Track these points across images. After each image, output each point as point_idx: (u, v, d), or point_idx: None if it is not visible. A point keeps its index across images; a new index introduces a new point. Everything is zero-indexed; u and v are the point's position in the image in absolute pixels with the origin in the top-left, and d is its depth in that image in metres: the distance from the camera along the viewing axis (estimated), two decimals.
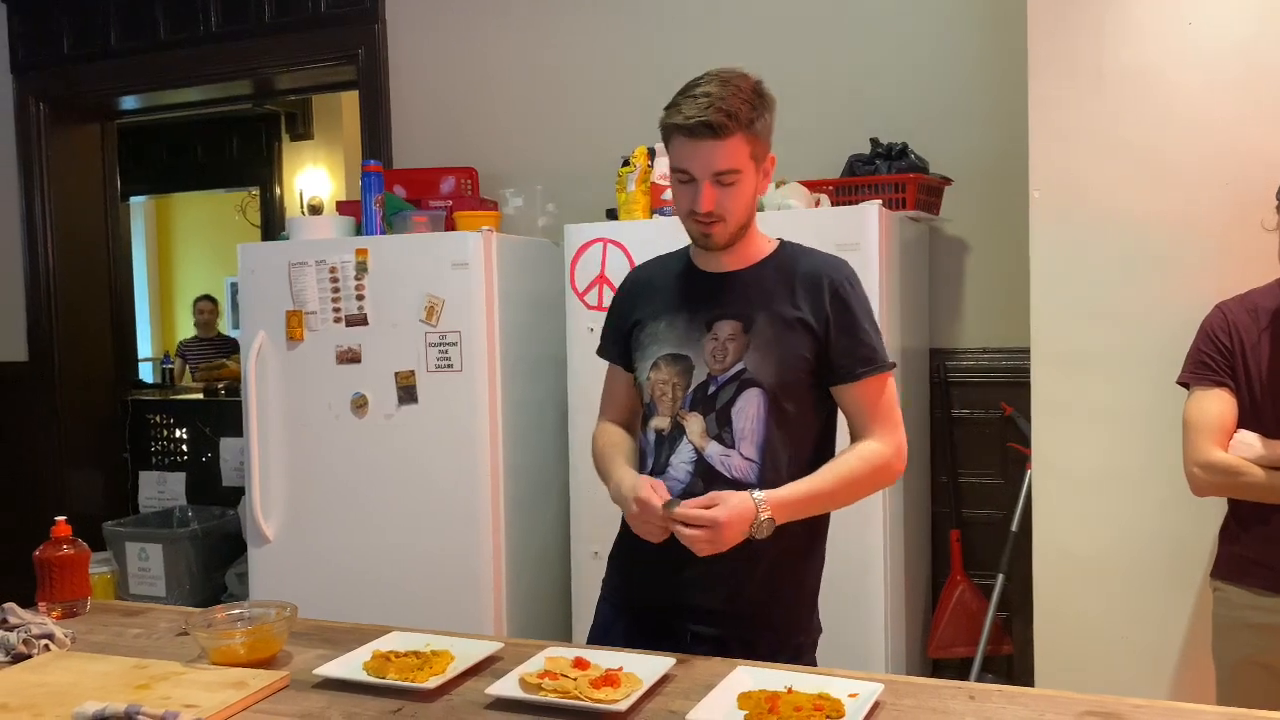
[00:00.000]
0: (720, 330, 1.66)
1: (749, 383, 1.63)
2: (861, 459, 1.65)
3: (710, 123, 1.56)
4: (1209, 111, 2.26)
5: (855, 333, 1.66)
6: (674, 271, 1.78)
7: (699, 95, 1.58)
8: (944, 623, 2.95)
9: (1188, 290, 2.27)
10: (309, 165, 6.63)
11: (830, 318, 1.65)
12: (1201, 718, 1.29)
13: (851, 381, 1.66)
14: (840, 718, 1.28)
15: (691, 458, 1.65)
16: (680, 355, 1.68)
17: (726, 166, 1.59)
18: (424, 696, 1.42)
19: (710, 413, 1.65)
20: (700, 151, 1.59)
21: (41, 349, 4.27)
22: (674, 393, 1.67)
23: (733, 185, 1.61)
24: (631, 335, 1.77)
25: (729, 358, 1.65)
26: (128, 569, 3.87)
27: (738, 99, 1.58)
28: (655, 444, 1.70)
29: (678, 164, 1.63)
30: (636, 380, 1.75)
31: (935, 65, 3.05)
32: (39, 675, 1.53)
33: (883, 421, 1.67)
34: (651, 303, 1.76)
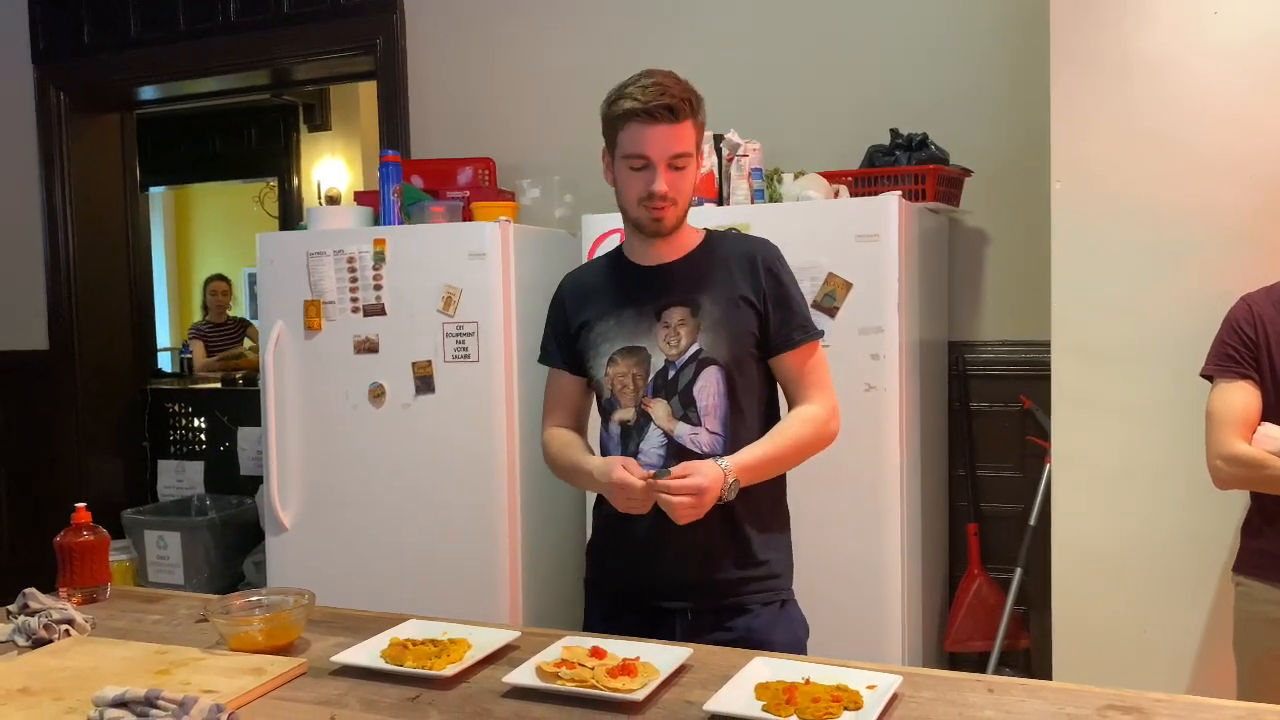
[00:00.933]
0: (670, 317, 1.74)
1: (706, 361, 1.72)
2: (804, 421, 1.75)
3: (671, 106, 1.65)
4: (1233, 102, 2.24)
5: (790, 304, 1.77)
6: (609, 272, 1.85)
7: (649, 85, 1.66)
8: (961, 616, 2.94)
9: (1211, 283, 2.25)
10: (326, 156, 6.64)
11: (767, 292, 1.75)
12: (1223, 712, 1.27)
13: (790, 349, 1.76)
14: (858, 709, 1.28)
15: (661, 441, 1.73)
16: (635, 347, 1.76)
17: (682, 149, 1.68)
18: (441, 684, 1.42)
19: (674, 395, 1.73)
20: (658, 135, 1.66)
21: (62, 338, 4.30)
22: (635, 383, 1.75)
23: (684, 169, 1.70)
24: (579, 338, 1.83)
25: (683, 341, 1.73)
26: (146, 557, 3.90)
27: (682, 88, 1.69)
28: (621, 436, 1.77)
29: (633, 150, 1.68)
30: (592, 380, 1.81)
31: (956, 55, 3.02)
32: (60, 659, 1.54)
33: (818, 385, 1.78)
34: (594, 304, 1.82)
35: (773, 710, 1.27)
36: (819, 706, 1.26)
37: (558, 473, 1.88)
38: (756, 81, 3.22)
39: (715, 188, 2.75)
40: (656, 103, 1.65)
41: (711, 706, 1.28)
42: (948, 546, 3.07)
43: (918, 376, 2.68)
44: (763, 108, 3.17)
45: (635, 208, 1.73)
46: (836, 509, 2.50)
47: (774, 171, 2.79)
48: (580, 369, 1.84)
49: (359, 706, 1.37)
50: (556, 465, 1.87)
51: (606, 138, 1.74)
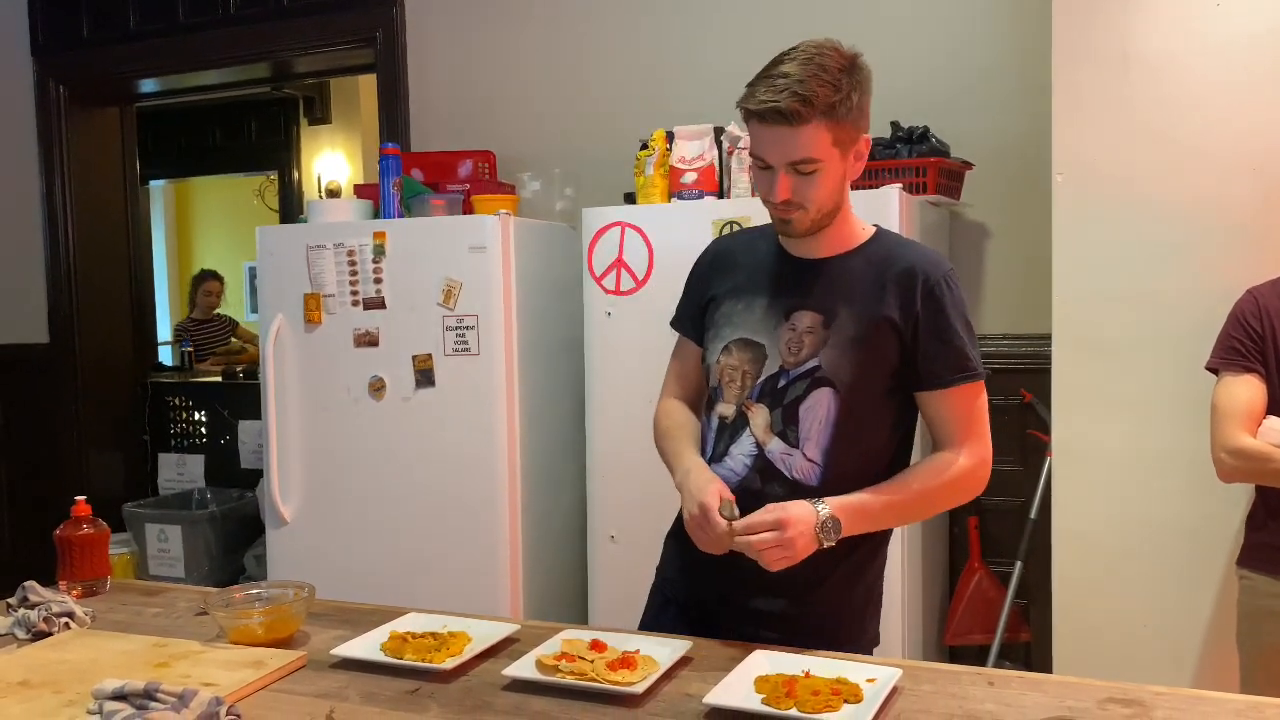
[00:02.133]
0: (799, 321, 1.56)
1: (822, 381, 1.53)
2: (936, 470, 1.55)
3: (783, 109, 1.44)
4: (1236, 96, 2.23)
5: (947, 337, 1.53)
6: (759, 250, 1.66)
7: (777, 77, 1.46)
8: (961, 610, 2.94)
9: (1212, 276, 2.25)
10: (327, 149, 6.63)
11: (920, 318, 1.53)
12: (1225, 705, 1.27)
13: (939, 389, 1.55)
14: (858, 702, 1.27)
15: (752, 451, 1.57)
16: (754, 342, 1.59)
17: (803, 155, 1.48)
18: (441, 677, 1.42)
19: (777, 407, 1.55)
20: (775, 139, 1.48)
21: (62, 331, 4.30)
22: (743, 380, 1.58)
23: (812, 174, 1.49)
24: (707, 311, 1.67)
25: (804, 351, 1.54)
26: (147, 550, 3.90)
27: (818, 81, 1.45)
28: (717, 430, 1.61)
29: (754, 150, 1.53)
30: (705, 360, 1.66)
31: (957, 48, 3.01)
32: (60, 652, 1.53)
33: (968, 431, 1.55)
34: (731, 280, 1.66)
35: (772, 703, 1.27)
36: (819, 700, 1.26)
37: (658, 447, 1.72)
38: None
39: (716, 181, 2.75)
40: (771, 104, 1.45)
41: (711, 699, 1.28)
42: (948, 540, 3.07)
43: None
44: None
45: (765, 204, 1.56)
46: None
47: None
48: (702, 343, 1.68)
49: (359, 699, 1.37)
50: (659, 443, 1.71)
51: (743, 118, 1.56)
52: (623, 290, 2.73)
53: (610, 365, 2.77)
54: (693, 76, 3.19)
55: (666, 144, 2.77)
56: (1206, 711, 1.25)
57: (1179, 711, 1.25)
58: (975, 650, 2.93)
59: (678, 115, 2.94)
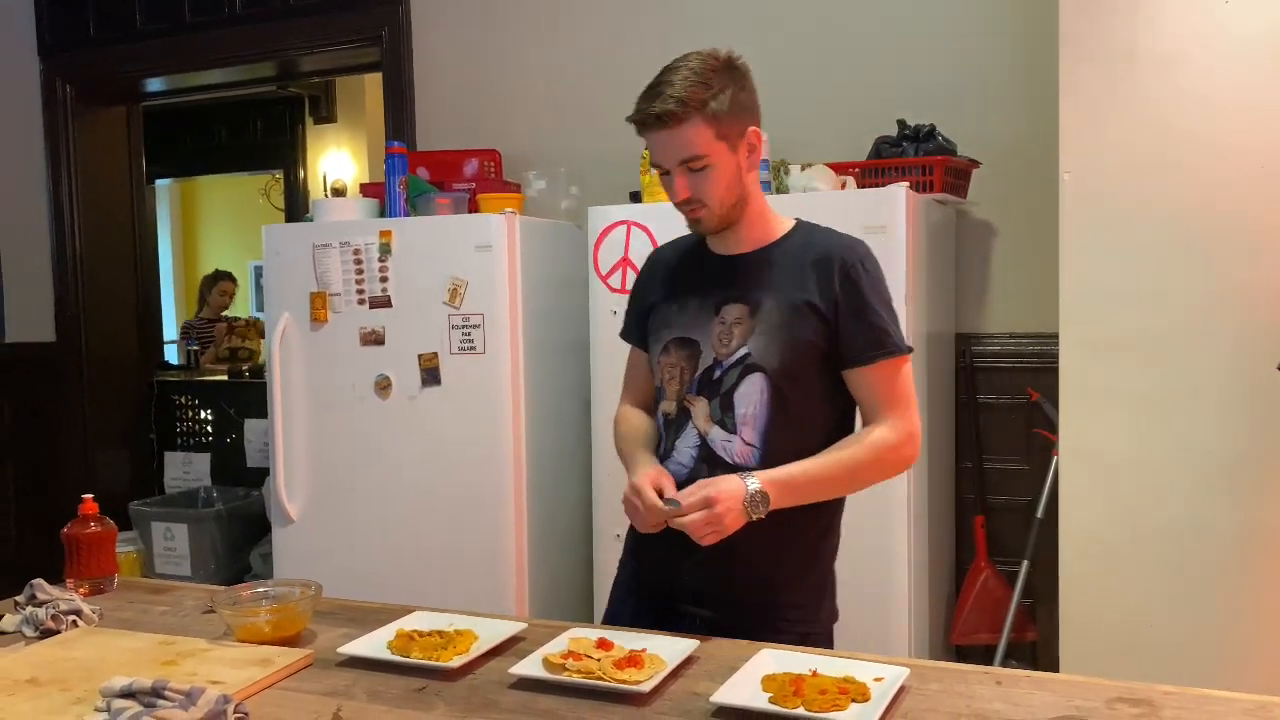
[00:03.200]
0: (727, 314, 1.65)
1: (753, 368, 1.61)
2: (864, 444, 1.60)
3: (658, 113, 1.55)
4: (1244, 92, 2.22)
5: (865, 316, 1.61)
6: (689, 253, 1.77)
7: (655, 86, 1.58)
8: (968, 609, 2.93)
9: (1221, 275, 2.24)
10: (332, 148, 6.64)
11: (840, 300, 1.60)
12: (1233, 704, 1.27)
13: (861, 365, 1.61)
14: (866, 701, 1.27)
15: (695, 442, 1.65)
16: (688, 339, 1.68)
17: (689, 154, 1.58)
18: (448, 676, 1.42)
19: (714, 397, 1.63)
20: (660, 143, 1.59)
21: (69, 330, 4.31)
22: (681, 376, 1.67)
23: (704, 170, 1.59)
24: (648, 317, 1.77)
25: (734, 342, 1.63)
26: (153, 548, 3.91)
27: (688, 83, 1.56)
28: (664, 427, 1.71)
29: (652, 159, 1.64)
30: (649, 362, 1.76)
31: (964, 46, 3.01)
32: (67, 650, 1.54)
33: (894, 407, 1.61)
34: (665, 285, 1.76)
35: (779, 702, 1.26)
36: (826, 698, 1.26)
37: (618, 452, 1.81)
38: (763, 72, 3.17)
39: None
40: (645, 111, 1.57)
41: (718, 698, 1.28)
42: (954, 539, 3.07)
43: (925, 369, 2.67)
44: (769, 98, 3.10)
45: (678, 210, 1.66)
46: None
47: (780, 163, 2.77)
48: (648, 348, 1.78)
49: (365, 697, 1.37)
50: (618, 449, 1.81)
51: None
52: (628, 289, 2.71)
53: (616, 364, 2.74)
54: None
55: None
56: (1215, 711, 1.25)
57: (1188, 711, 1.25)
58: (982, 650, 2.92)
59: None
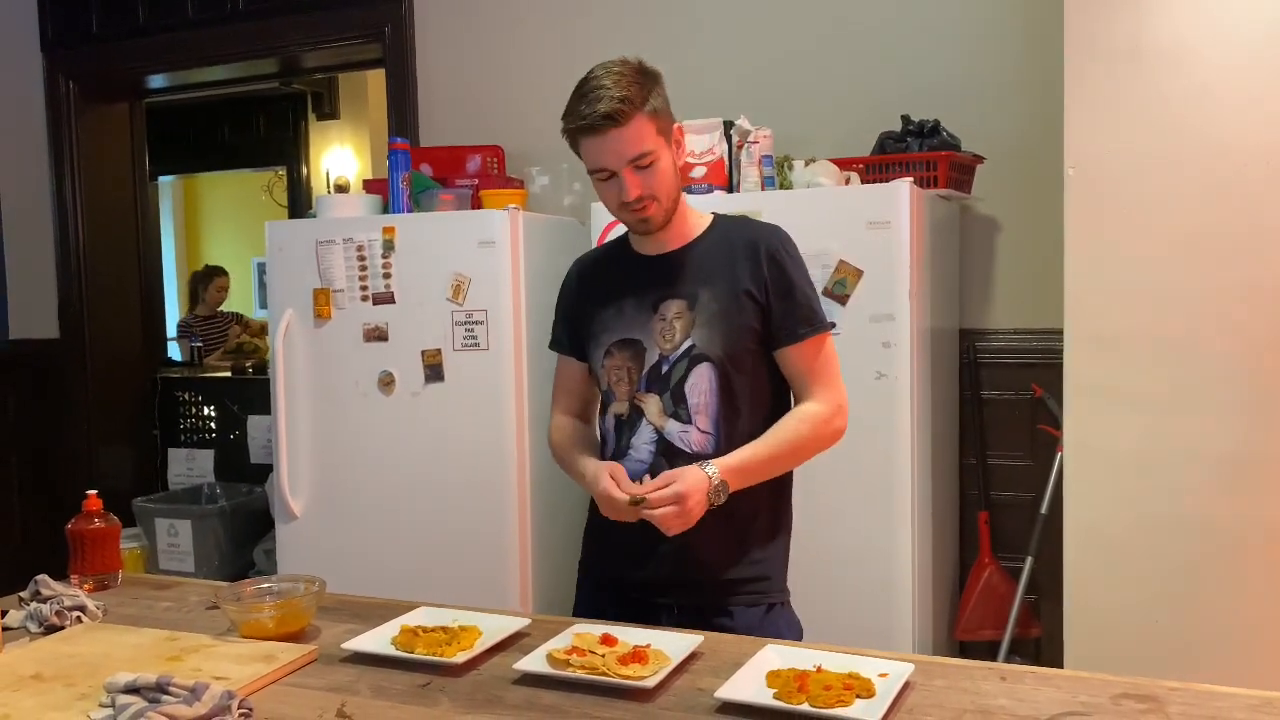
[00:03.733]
0: (666, 310, 1.70)
1: (699, 358, 1.67)
2: (802, 420, 1.69)
3: (609, 113, 1.59)
4: (1250, 88, 2.21)
5: (793, 295, 1.70)
6: (615, 260, 1.82)
7: (589, 93, 1.61)
8: (971, 605, 2.93)
9: (1226, 270, 2.23)
10: (335, 145, 6.64)
11: (769, 283, 1.68)
12: (1238, 700, 1.26)
13: (793, 343, 1.70)
14: (871, 697, 1.27)
15: (652, 438, 1.70)
16: (631, 339, 1.72)
17: (638, 150, 1.62)
18: (452, 671, 1.42)
19: (665, 391, 1.69)
20: (609, 144, 1.62)
21: (72, 327, 4.31)
22: (629, 376, 1.72)
23: (651, 166, 1.64)
24: (583, 325, 1.81)
25: (677, 335, 1.69)
26: (157, 545, 3.91)
27: (625, 83, 1.61)
28: (615, 429, 1.75)
29: (594, 164, 1.66)
30: (592, 369, 1.80)
31: (968, 41, 3.00)
32: (72, 646, 1.54)
33: (822, 380, 1.71)
34: (597, 292, 1.80)
35: (784, 698, 1.27)
36: (831, 694, 1.26)
37: (559, 464, 1.88)
38: (767, 68, 3.21)
39: (726, 175, 2.74)
40: (592, 114, 1.60)
41: (723, 694, 1.28)
42: (958, 535, 3.06)
43: (929, 364, 2.66)
44: (773, 94, 3.15)
45: (619, 214, 1.71)
46: (847, 498, 2.50)
47: (784, 158, 2.77)
48: (584, 357, 1.83)
49: (369, 693, 1.37)
50: (557, 458, 1.88)
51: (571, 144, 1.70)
52: None
53: None
54: (701, 70, 3.18)
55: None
56: (1221, 706, 1.25)
57: (1193, 707, 1.25)
58: (986, 646, 2.92)
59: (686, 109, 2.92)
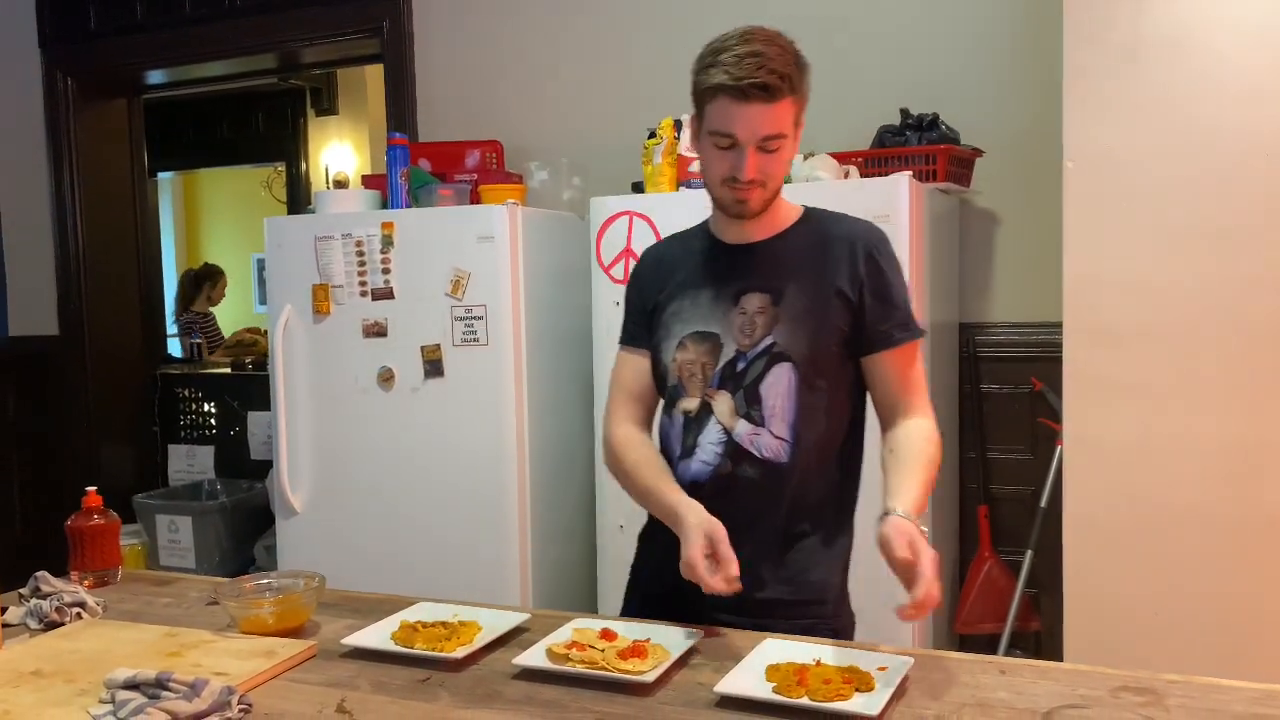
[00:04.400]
0: (748, 304, 1.59)
1: (779, 357, 1.56)
2: (930, 442, 1.55)
3: (765, 84, 1.46)
4: (1251, 79, 2.21)
5: (890, 297, 1.59)
6: (694, 247, 1.70)
7: (746, 55, 1.47)
8: (971, 598, 2.93)
9: (1226, 263, 2.23)
10: (334, 140, 6.63)
11: (865, 283, 1.57)
12: (1238, 693, 1.26)
13: (888, 348, 1.58)
14: (870, 691, 1.27)
15: (720, 438, 1.59)
16: (708, 333, 1.61)
17: (775, 131, 1.50)
18: (451, 666, 1.42)
19: (739, 390, 1.58)
20: (748, 115, 1.48)
21: (72, 323, 4.31)
22: (703, 372, 1.60)
23: (777, 151, 1.53)
24: (653, 316, 1.68)
25: (758, 332, 1.57)
26: (158, 541, 3.92)
27: (784, 60, 1.49)
28: (684, 426, 1.63)
29: (720, 127, 1.51)
30: (659, 361, 1.67)
31: (967, 34, 2.99)
32: (72, 642, 1.54)
33: (917, 391, 1.60)
34: (673, 281, 1.67)
35: (784, 692, 1.26)
36: (830, 688, 1.25)
37: (623, 481, 1.68)
38: None
39: None
40: (750, 79, 1.45)
41: (722, 688, 1.28)
42: (958, 528, 3.06)
43: (928, 358, 2.66)
44: None
45: (718, 187, 1.57)
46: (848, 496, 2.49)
47: None
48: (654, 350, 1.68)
49: (369, 688, 1.37)
50: (625, 477, 1.67)
51: (694, 103, 1.56)
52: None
53: None
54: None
55: (674, 132, 2.76)
56: (1221, 699, 1.25)
57: (1193, 700, 1.25)
58: (986, 639, 2.92)
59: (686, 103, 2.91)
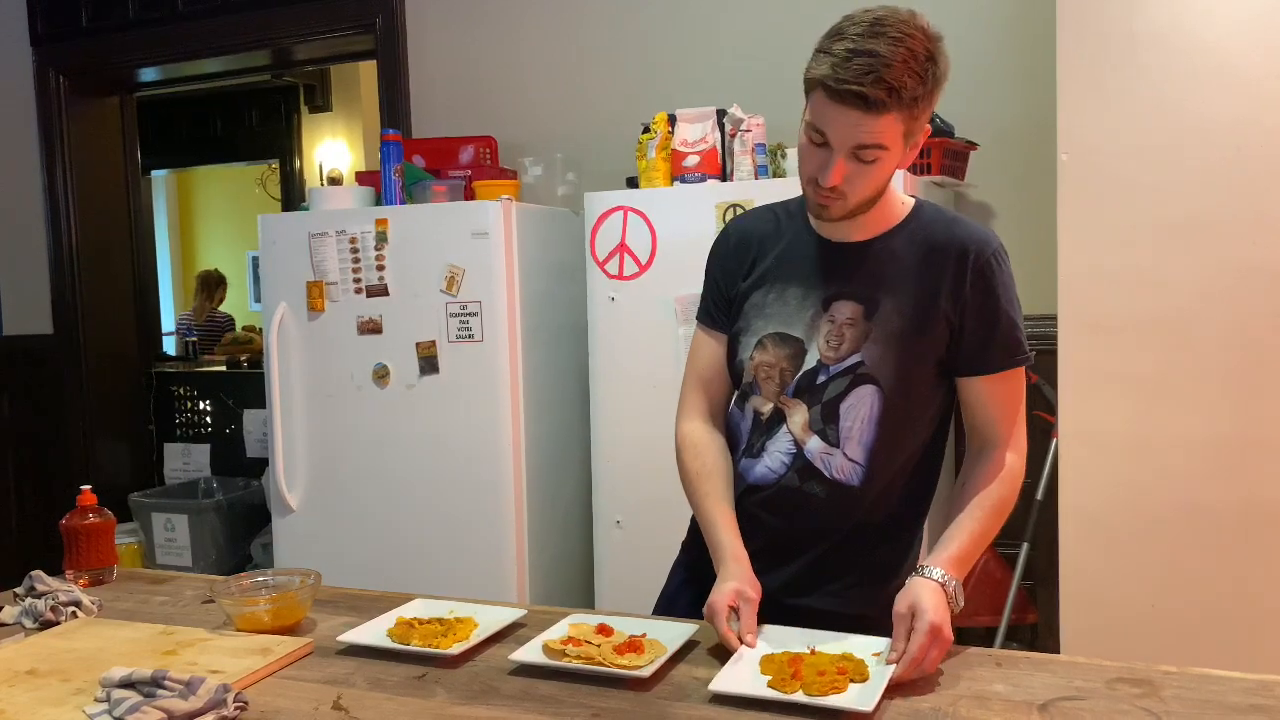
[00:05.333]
0: (839, 312, 1.45)
1: (864, 378, 1.43)
2: (1002, 483, 1.45)
3: (867, 96, 1.29)
4: (1245, 71, 2.21)
5: (997, 320, 1.44)
6: (786, 231, 1.53)
7: (861, 53, 1.30)
8: (968, 591, 2.92)
9: (1221, 254, 2.23)
10: (328, 137, 6.62)
11: (969, 301, 1.43)
12: (1233, 684, 1.27)
13: (989, 374, 1.45)
14: (864, 680, 1.26)
15: (790, 449, 1.48)
16: (790, 336, 1.48)
17: (871, 142, 1.34)
18: (448, 663, 1.42)
19: (816, 404, 1.45)
20: (846, 121, 1.32)
21: (66, 322, 4.30)
22: (781, 377, 1.48)
23: (873, 163, 1.36)
24: (733, 303, 1.55)
25: (845, 346, 1.44)
26: (154, 540, 3.91)
27: (907, 70, 1.31)
28: (754, 425, 1.52)
29: (815, 121, 1.35)
30: (734, 355, 1.54)
31: (960, 27, 2.98)
32: (67, 641, 1.54)
33: (1012, 421, 1.47)
34: (759, 266, 1.53)
35: (778, 686, 1.25)
36: (825, 680, 1.24)
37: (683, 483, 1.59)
38: (759, 55, 3.19)
39: (719, 164, 2.73)
40: (852, 87, 1.29)
41: (716, 686, 1.26)
42: None
43: None
44: (766, 82, 3.13)
45: (804, 183, 1.42)
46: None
47: (777, 146, 2.76)
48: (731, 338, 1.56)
49: (366, 685, 1.37)
50: (685, 483, 1.58)
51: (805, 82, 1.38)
52: (626, 275, 2.72)
53: (614, 350, 2.76)
54: (694, 58, 3.17)
55: (668, 127, 2.75)
56: (1216, 690, 1.25)
57: (1188, 690, 1.25)
58: (982, 632, 2.92)
59: (679, 98, 2.93)
